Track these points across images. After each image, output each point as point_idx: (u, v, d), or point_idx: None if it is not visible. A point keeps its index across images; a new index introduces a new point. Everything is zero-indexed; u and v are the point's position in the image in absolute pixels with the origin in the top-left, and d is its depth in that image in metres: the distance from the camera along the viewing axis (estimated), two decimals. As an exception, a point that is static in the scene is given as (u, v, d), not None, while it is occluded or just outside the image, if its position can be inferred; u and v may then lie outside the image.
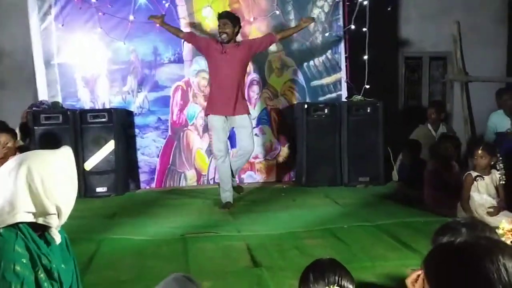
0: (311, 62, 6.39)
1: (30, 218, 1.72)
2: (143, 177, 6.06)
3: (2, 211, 1.69)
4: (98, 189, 5.52)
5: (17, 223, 1.71)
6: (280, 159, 6.37)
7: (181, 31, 5.36)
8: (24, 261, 1.65)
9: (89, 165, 5.50)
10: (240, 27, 4.95)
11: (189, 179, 6.08)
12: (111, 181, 5.59)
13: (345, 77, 6.41)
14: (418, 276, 1.61)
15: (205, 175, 6.13)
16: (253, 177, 6.25)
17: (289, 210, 4.73)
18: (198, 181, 6.15)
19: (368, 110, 6.02)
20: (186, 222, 4.41)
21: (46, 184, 1.72)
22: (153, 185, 6.06)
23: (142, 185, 6.03)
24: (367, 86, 6.10)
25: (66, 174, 1.80)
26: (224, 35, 4.72)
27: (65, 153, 1.86)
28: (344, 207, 4.95)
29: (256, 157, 6.20)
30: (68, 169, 1.82)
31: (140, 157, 6.04)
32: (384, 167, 5.95)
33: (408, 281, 1.63)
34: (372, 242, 3.81)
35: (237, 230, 4.15)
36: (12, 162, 1.83)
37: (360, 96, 6.10)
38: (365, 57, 6.18)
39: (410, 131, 6.12)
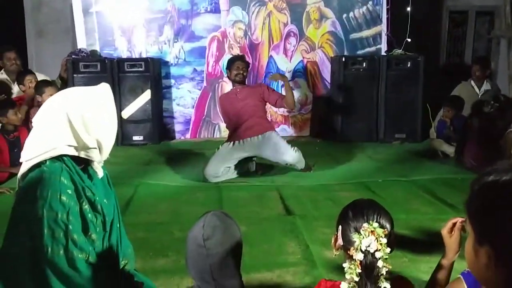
0: (351, 14, 6.20)
1: (72, 152, 1.76)
2: (178, 127, 6.13)
3: (45, 145, 1.74)
4: (135, 138, 5.63)
5: (61, 156, 1.75)
6: (315, 113, 6.30)
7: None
8: (70, 192, 1.70)
9: (126, 113, 5.59)
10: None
11: (223, 130, 6.08)
12: (147, 130, 5.68)
13: (385, 30, 6.20)
14: (454, 224, 1.58)
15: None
16: (287, 131, 6.23)
17: (322, 163, 4.69)
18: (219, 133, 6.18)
19: (408, 65, 5.84)
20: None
21: (86, 119, 1.74)
22: (188, 135, 6.13)
23: (177, 135, 6.12)
24: (409, 40, 5.87)
25: (104, 110, 1.82)
26: (240, 76, 4.39)
27: (104, 90, 1.88)
28: (378, 162, 4.89)
29: (290, 111, 6.16)
30: (106, 104, 1.84)
31: (175, 107, 6.10)
32: (421, 124, 5.82)
33: (444, 231, 1.60)
34: (407, 197, 3.77)
35: (271, 180, 4.17)
36: (53, 98, 1.86)
37: (400, 50, 5.90)
38: (408, 9, 5.93)
39: (451, 88, 5.90)
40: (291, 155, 4.16)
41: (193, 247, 1.50)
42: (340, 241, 1.49)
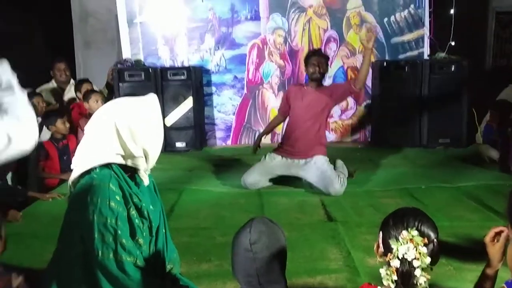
0: (392, 18, 6.13)
1: (120, 160, 1.84)
2: (219, 134, 6.23)
3: (94, 153, 1.83)
4: (178, 144, 5.76)
5: (110, 164, 1.84)
6: (356, 118, 6.25)
7: (274, 120, 4.76)
8: (118, 198, 1.78)
9: (169, 121, 5.73)
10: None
11: (263, 137, 6.14)
12: (189, 136, 5.80)
13: (428, 33, 6.09)
14: (497, 233, 1.56)
15: (279, 133, 6.16)
16: (328, 137, 6.15)
17: (364, 169, 4.65)
18: (272, 139, 6.21)
19: (452, 69, 5.71)
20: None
21: (133, 129, 1.82)
22: (229, 142, 6.22)
23: (218, 142, 6.21)
24: (452, 43, 5.75)
25: (151, 120, 1.89)
26: (316, 75, 4.11)
27: (151, 101, 1.95)
28: (422, 168, 4.81)
29: (331, 116, 6.13)
30: (153, 115, 1.91)
31: (216, 114, 6.20)
32: (467, 129, 5.67)
33: (487, 239, 1.58)
34: (451, 203, 3.69)
35: (311, 186, 4.17)
36: (102, 109, 1.95)
37: (444, 54, 5.78)
38: (452, 11, 5.80)
39: (498, 92, 5.72)
40: (334, 189, 3.89)
41: (240, 251, 1.54)
42: (381, 248, 1.51)
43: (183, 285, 1.97)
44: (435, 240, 1.46)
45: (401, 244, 1.41)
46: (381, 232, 1.52)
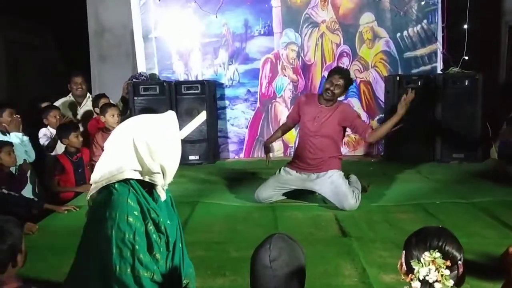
0: (405, 33, 6.15)
1: (137, 176, 1.86)
2: (232, 147, 6.26)
3: (112, 169, 1.85)
4: (191, 157, 5.78)
5: (129, 180, 1.86)
6: (369, 133, 6.23)
7: (283, 127, 4.61)
8: (136, 214, 1.80)
9: (182, 134, 5.72)
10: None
11: (276, 150, 6.15)
12: (202, 150, 5.83)
13: (441, 48, 6.09)
14: None
15: (292, 146, 6.18)
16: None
17: (377, 183, 4.63)
18: (285, 153, 6.23)
19: (466, 83, 5.69)
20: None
21: (151, 145, 1.85)
22: (242, 155, 6.24)
23: (231, 155, 6.24)
24: (466, 58, 5.74)
25: (169, 137, 1.92)
26: (328, 94, 3.99)
27: (169, 118, 1.98)
28: (436, 183, 4.77)
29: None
30: (171, 132, 1.94)
31: (229, 127, 6.24)
32: (481, 144, 5.63)
33: (508, 257, 1.57)
34: (467, 219, 3.65)
35: (325, 201, 4.16)
36: (121, 125, 1.99)
37: (457, 68, 5.77)
38: (465, 26, 5.80)
39: (512, 106, 5.70)
40: (349, 204, 3.86)
41: (259, 267, 1.52)
42: (404, 267, 1.50)
43: (199, 300, 1.97)
44: (459, 262, 1.44)
45: (422, 266, 1.40)
46: (404, 251, 1.51)
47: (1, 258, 1.78)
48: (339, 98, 4.15)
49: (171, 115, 2.00)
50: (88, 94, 5.68)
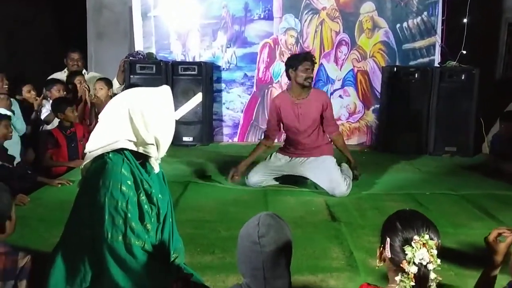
0: (405, 24, 6.14)
1: (131, 146, 1.88)
2: (226, 130, 6.26)
3: (107, 138, 1.87)
4: (185, 139, 5.79)
5: (123, 151, 1.87)
6: (363, 122, 6.27)
7: (262, 142, 4.38)
8: (129, 183, 1.82)
9: (177, 115, 5.72)
10: None
11: (271, 136, 6.17)
12: (197, 131, 5.84)
13: (440, 41, 6.10)
14: (499, 234, 1.59)
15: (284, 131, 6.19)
16: (334, 139, 6.21)
17: (369, 172, 4.65)
18: (279, 139, 6.21)
19: (463, 77, 5.70)
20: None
21: (146, 116, 1.86)
22: (236, 139, 6.25)
23: (225, 138, 6.25)
24: (464, 52, 5.75)
25: (164, 109, 1.94)
26: (309, 81, 3.97)
27: (164, 91, 2.00)
28: (427, 175, 4.81)
29: (338, 119, 6.14)
30: (166, 105, 1.96)
31: (225, 111, 6.23)
32: (474, 138, 5.67)
33: (490, 237, 1.60)
34: (455, 211, 3.69)
35: (316, 187, 4.17)
36: (117, 97, 1.99)
37: (454, 62, 5.78)
38: (465, 20, 5.81)
39: (507, 103, 5.74)
40: (340, 191, 3.87)
41: (247, 243, 1.54)
42: (387, 253, 1.49)
43: (187, 272, 1.99)
44: (439, 242, 1.48)
45: (415, 250, 1.42)
46: (387, 238, 1.50)
47: None
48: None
49: (166, 89, 2.02)
50: (84, 71, 5.65)
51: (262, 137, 4.49)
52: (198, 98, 5.83)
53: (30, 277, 1.79)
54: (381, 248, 1.53)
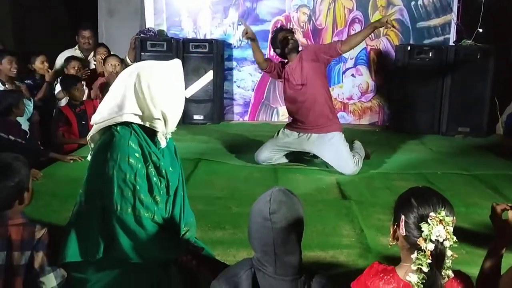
0: (419, 2, 6.02)
1: (137, 120, 1.86)
2: (237, 109, 6.24)
3: (112, 111, 1.85)
4: (196, 117, 5.79)
5: (131, 124, 1.85)
6: (375, 102, 6.21)
7: (266, 61, 4.33)
8: (137, 155, 1.81)
9: (188, 93, 5.74)
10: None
11: (281, 114, 6.14)
12: (207, 110, 5.83)
13: (455, 19, 5.97)
14: (503, 209, 1.57)
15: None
16: (345, 118, 6.17)
17: (380, 152, 4.62)
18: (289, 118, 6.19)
19: (478, 56, 5.60)
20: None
21: (153, 90, 1.83)
22: (246, 117, 6.23)
23: (236, 117, 6.23)
24: (480, 30, 5.62)
25: (172, 83, 1.90)
26: (293, 43, 3.98)
27: (174, 65, 1.95)
28: (439, 155, 4.77)
29: (350, 98, 6.11)
30: (175, 80, 1.92)
31: (235, 89, 6.20)
32: (488, 119, 5.59)
33: (498, 210, 1.58)
34: (467, 190, 3.66)
35: (327, 165, 4.15)
36: (127, 70, 1.97)
37: (470, 41, 5.66)
38: (482, -3, 5.67)
39: (523, 83, 5.63)
40: (349, 169, 3.86)
41: (258, 219, 1.53)
42: (402, 231, 1.46)
43: (198, 246, 2.00)
44: (454, 219, 1.46)
45: (432, 227, 1.40)
46: (402, 215, 1.47)
47: (8, 194, 1.81)
48: None
49: (177, 62, 1.97)
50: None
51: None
52: (209, 76, 5.88)
53: (48, 249, 1.81)
54: (395, 226, 1.51)
